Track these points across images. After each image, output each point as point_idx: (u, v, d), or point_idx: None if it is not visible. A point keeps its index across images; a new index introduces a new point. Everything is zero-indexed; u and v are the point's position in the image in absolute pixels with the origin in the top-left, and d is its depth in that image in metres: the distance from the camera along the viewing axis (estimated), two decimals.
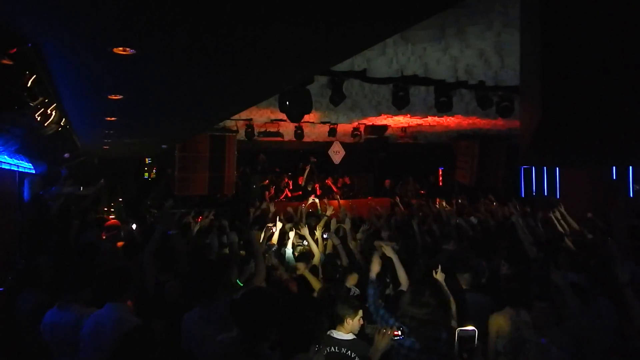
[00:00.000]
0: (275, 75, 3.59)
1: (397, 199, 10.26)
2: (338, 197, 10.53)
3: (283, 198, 12.58)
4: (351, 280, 4.15)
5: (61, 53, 2.73)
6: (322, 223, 5.96)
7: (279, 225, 6.03)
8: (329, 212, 6.95)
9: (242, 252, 4.75)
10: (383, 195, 12.48)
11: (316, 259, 4.88)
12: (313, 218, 7.06)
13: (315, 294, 3.83)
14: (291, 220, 6.85)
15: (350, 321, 2.88)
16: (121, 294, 2.80)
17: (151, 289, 3.39)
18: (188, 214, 7.37)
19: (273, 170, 13.82)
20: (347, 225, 5.70)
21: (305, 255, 4.83)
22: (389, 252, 3.78)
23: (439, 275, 3.46)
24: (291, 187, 13.23)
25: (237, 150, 11.05)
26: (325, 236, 5.54)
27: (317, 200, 9.06)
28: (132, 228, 6.33)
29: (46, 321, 2.95)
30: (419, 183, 13.81)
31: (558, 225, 6.07)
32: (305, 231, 5.40)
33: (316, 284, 4.02)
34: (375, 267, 3.51)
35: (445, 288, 3.34)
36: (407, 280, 3.64)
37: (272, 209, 7.70)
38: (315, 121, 10.08)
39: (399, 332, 2.74)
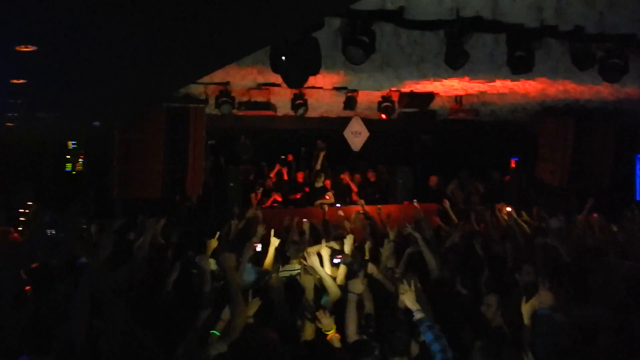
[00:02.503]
0: (265, 14, 3.58)
1: (446, 203, 10.24)
2: (359, 201, 10.53)
3: (271, 204, 12.83)
4: None
5: None
6: (323, 247, 6.02)
7: (274, 242, 6.12)
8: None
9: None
10: (428, 199, 12.51)
11: (333, 296, 4.95)
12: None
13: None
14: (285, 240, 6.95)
15: None
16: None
17: (81, 339, 3.41)
18: (130, 228, 7.45)
19: (261, 160, 13.91)
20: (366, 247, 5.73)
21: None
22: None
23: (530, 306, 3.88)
24: (284, 181, 13.34)
25: (206, 131, 11.14)
26: (336, 261, 5.66)
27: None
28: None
29: None
30: (480, 181, 13.82)
31: None
32: (313, 260, 5.47)
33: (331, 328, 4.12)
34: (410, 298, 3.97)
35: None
36: None
37: (260, 215, 8.28)
38: (325, 87, 10.13)
39: None
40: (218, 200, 12.38)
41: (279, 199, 12.92)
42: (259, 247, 6.39)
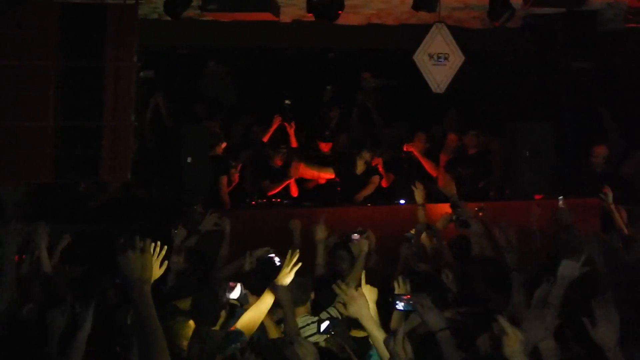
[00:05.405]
0: None
1: (608, 193, 10.35)
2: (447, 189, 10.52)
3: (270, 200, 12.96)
4: None
5: None
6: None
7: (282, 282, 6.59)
8: None
9: None
10: (587, 188, 12.29)
11: None
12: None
13: None
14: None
15: None
16: None
17: None
18: None
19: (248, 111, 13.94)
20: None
21: None
22: None
23: None
24: (292, 151, 13.58)
25: (139, 53, 11.06)
26: (401, 306, 6.12)
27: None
28: None
29: None
30: None
31: None
32: (359, 306, 5.82)
33: None
34: None
35: None
36: None
37: (227, 227, 9.23)
38: None
39: None
40: (162, 191, 12.24)
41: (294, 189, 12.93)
42: (236, 293, 6.80)
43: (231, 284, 6.59)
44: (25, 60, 10.67)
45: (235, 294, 6.78)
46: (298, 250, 6.82)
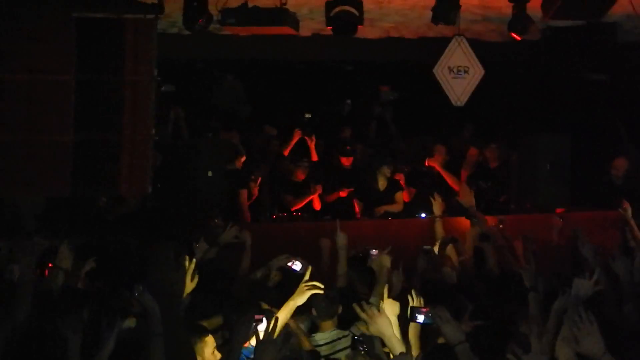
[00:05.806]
0: None
1: (627, 208, 10.46)
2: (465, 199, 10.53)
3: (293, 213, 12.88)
4: None
5: None
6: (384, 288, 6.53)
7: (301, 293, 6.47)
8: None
9: None
10: (609, 201, 12.24)
11: None
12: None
13: None
14: None
15: None
16: None
17: None
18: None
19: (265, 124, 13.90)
20: None
21: None
22: None
23: None
24: (313, 165, 13.55)
25: (158, 68, 11.05)
26: (421, 319, 5.99)
27: None
28: None
29: None
30: None
31: None
32: (380, 321, 5.76)
33: None
34: None
35: None
36: None
37: (248, 240, 9.16)
38: None
39: None
40: (181, 203, 12.24)
41: (317, 203, 13.08)
42: (262, 325, 6.63)
43: (257, 316, 6.62)
44: (45, 75, 10.67)
45: (262, 326, 6.68)
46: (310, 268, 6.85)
